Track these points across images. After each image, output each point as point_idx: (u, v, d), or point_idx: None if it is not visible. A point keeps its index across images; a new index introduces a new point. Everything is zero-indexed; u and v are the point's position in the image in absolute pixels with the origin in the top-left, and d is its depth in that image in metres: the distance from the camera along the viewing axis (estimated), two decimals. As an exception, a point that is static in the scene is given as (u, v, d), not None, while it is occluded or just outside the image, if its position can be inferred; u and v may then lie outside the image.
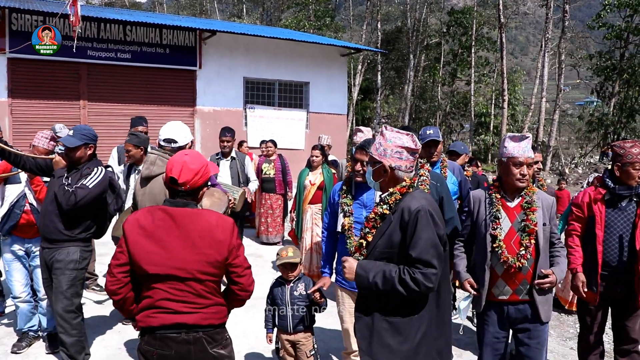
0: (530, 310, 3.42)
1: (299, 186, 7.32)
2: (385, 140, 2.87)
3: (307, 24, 30.73)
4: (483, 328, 3.58)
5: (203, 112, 14.92)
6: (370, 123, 33.97)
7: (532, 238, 3.37)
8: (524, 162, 3.39)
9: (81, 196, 4.03)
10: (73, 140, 4.19)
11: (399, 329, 2.76)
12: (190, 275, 2.63)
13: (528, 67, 53.98)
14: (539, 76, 27.78)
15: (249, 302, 6.32)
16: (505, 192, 3.51)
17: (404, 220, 2.72)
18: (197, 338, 2.68)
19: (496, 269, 3.44)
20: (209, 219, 2.71)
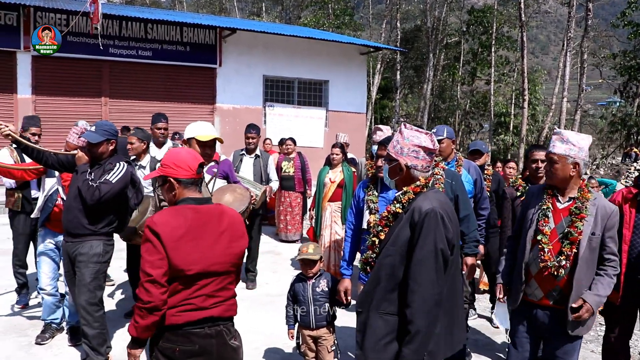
0: (560, 319, 3.23)
1: (319, 184, 7.33)
2: (402, 139, 2.85)
3: (326, 22, 30.72)
4: (515, 325, 3.49)
5: (222, 109, 15.01)
6: (388, 122, 33.85)
7: (574, 247, 3.17)
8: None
9: (105, 191, 4.09)
10: (95, 135, 4.24)
11: (392, 327, 2.75)
12: (225, 269, 2.72)
13: (549, 67, 53.45)
14: (560, 76, 27.45)
15: (267, 299, 6.45)
16: (558, 191, 3.35)
17: (413, 220, 2.71)
18: (218, 331, 2.72)
19: (531, 268, 3.31)
20: (231, 213, 2.82)
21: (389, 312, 2.77)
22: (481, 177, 4.90)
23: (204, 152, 3.62)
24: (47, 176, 5.16)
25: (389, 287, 2.78)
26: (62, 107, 12.95)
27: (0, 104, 12.20)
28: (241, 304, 6.26)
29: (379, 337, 2.76)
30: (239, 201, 5.61)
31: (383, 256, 2.81)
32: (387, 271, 2.78)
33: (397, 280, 2.76)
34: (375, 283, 2.82)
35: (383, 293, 2.78)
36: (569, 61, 25.70)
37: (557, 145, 3.25)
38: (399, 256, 2.74)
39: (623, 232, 4.04)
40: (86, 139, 4.24)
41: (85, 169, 4.26)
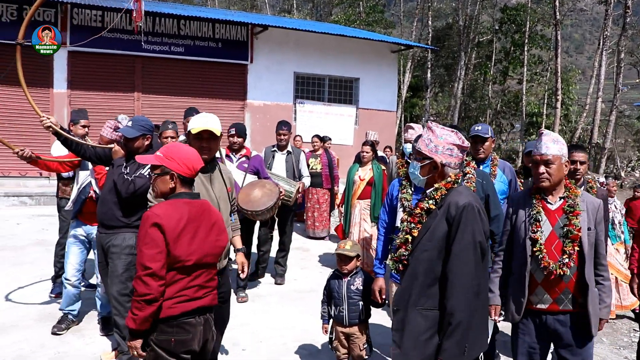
0: (574, 322, 3.14)
1: (348, 181, 7.32)
2: (436, 137, 2.88)
3: (357, 20, 30.63)
4: (518, 337, 3.30)
5: (253, 106, 15.09)
6: (418, 120, 33.64)
7: (576, 245, 3.10)
8: (539, 159, 3.17)
9: (139, 185, 4.16)
10: (132, 131, 4.32)
11: (432, 322, 2.78)
12: (214, 260, 2.94)
13: (583, 66, 52.43)
14: (595, 75, 26.94)
15: (296, 295, 6.48)
16: (545, 194, 3.26)
17: (450, 214, 2.75)
18: (206, 319, 2.94)
19: (535, 275, 3.17)
20: (215, 209, 3.04)
21: (427, 307, 2.80)
22: (516, 178, 4.84)
23: (200, 146, 3.55)
24: (81, 169, 5.27)
25: (427, 282, 2.81)
26: (95, 102, 13.15)
27: (37, 98, 12.41)
28: (270, 299, 6.38)
29: (419, 334, 2.79)
30: (268, 196, 5.65)
31: (419, 252, 2.83)
32: (424, 266, 2.80)
33: (436, 275, 2.80)
34: (412, 279, 2.84)
35: (421, 289, 2.81)
36: (604, 60, 25.20)
37: (550, 146, 3.16)
38: (437, 251, 2.78)
39: None
40: (123, 134, 4.32)
41: (121, 162, 4.35)
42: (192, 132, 3.53)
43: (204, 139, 3.55)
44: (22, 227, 9.25)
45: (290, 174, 7.06)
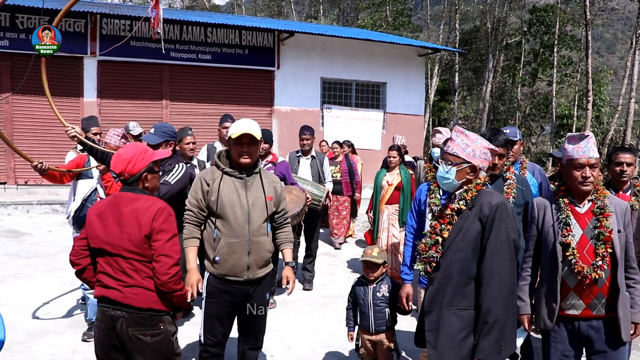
0: (607, 328, 3.05)
1: (376, 186, 7.28)
2: (472, 141, 2.91)
3: (384, 24, 30.57)
4: (550, 345, 3.20)
5: (280, 111, 15.14)
6: (447, 124, 33.39)
7: (608, 247, 3.01)
8: (586, 163, 3.05)
9: (164, 192, 4.18)
10: (154, 137, 4.35)
11: (467, 322, 2.79)
12: (117, 251, 2.90)
13: (615, 66, 51.49)
14: (628, 75, 26.34)
15: (323, 301, 6.46)
16: (572, 197, 3.17)
17: (483, 214, 2.79)
18: (119, 316, 2.89)
19: (567, 281, 3.08)
20: (142, 203, 2.95)
21: (462, 307, 2.82)
22: (547, 180, 4.75)
23: (240, 150, 3.54)
24: (81, 178, 5.27)
25: (462, 281, 2.83)
26: (125, 110, 13.35)
27: (68, 107, 12.67)
28: (298, 305, 6.36)
29: (454, 334, 2.80)
30: (295, 202, 5.64)
31: (452, 252, 2.85)
32: (459, 266, 2.82)
33: (470, 274, 2.83)
34: (446, 280, 2.85)
35: (456, 288, 2.83)
36: (637, 60, 24.65)
37: (594, 149, 3.08)
38: (471, 250, 2.81)
39: None
40: (146, 141, 4.35)
41: None
42: (232, 137, 3.51)
43: (244, 144, 3.53)
44: (54, 235, 9.41)
45: (316, 178, 7.06)
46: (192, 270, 3.49)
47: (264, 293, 3.79)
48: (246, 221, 3.54)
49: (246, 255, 3.55)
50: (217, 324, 3.63)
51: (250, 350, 3.88)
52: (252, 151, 3.58)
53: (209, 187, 3.52)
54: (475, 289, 2.81)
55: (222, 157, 3.68)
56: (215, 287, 3.57)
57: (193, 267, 3.51)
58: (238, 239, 3.52)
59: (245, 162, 3.55)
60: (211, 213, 3.55)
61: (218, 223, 3.52)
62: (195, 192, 3.57)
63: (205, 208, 3.55)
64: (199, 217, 3.58)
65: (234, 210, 3.51)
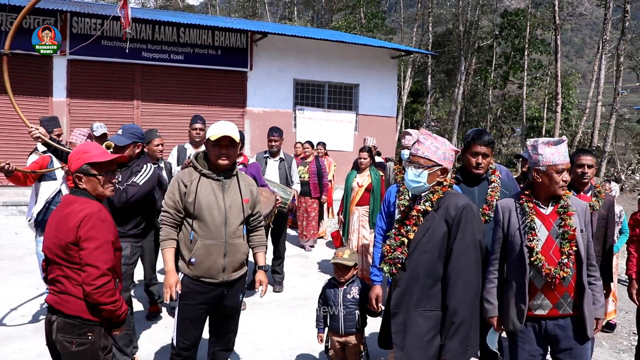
0: (572, 325, 3.13)
1: (346, 188, 7.30)
2: (441, 144, 2.96)
3: (358, 26, 30.70)
4: (517, 346, 3.24)
5: (253, 113, 15.10)
6: (419, 126, 33.62)
7: (573, 245, 3.08)
8: (566, 167, 3.12)
9: (132, 193, 4.14)
10: (122, 139, 4.30)
11: (433, 323, 2.82)
12: (51, 256, 2.83)
13: (583, 70, 52.43)
14: (595, 79, 26.91)
15: (294, 302, 6.45)
16: (538, 199, 3.22)
17: (449, 215, 2.83)
18: (53, 321, 2.86)
19: (535, 282, 3.13)
20: (76, 207, 2.83)
21: (429, 308, 2.85)
22: (514, 181, 4.80)
23: (219, 152, 3.50)
24: (44, 180, 5.18)
25: (429, 283, 2.86)
26: (95, 110, 13.17)
27: (37, 107, 12.46)
28: (268, 307, 6.35)
29: (421, 335, 2.83)
30: (264, 204, 5.62)
31: (419, 254, 2.87)
32: (425, 268, 2.85)
33: (437, 276, 2.86)
34: (413, 282, 2.87)
35: (422, 290, 2.85)
36: (604, 64, 25.18)
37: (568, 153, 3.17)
38: (437, 252, 2.85)
39: None
40: (113, 142, 4.30)
41: None
42: (211, 139, 3.50)
43: (223, 146, 3.51)
44: (21, 237, 9.24)
45: (284, 180, 7.03)
46: (170, 272, 3.47)
47: (237, 295, 3.78)
48: (223, 223, 3.53)
49: (222, 257, 3.54)
50: (191, 327, 3.60)
51: (221, 351, 3.87)
52: (231, 153, 3.57)
53: (187, 188, 3.50)
54: (442, 290, 2.84)
55: (200, 159, 3.65)
56: (190, 289, 3.53)
57: (171, 268, 3.50)
58: (215, 240, 3.51)
59: (223, 163, 3.54)
60: (188, 214, 3.52)
61: (195, 225, 3.50)
62: (173, 193, 3.53)
63: (182, 209, 3.52)
64: (175, 219, 3.54)
65: (211, 212, 3.50)
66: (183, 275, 3.55)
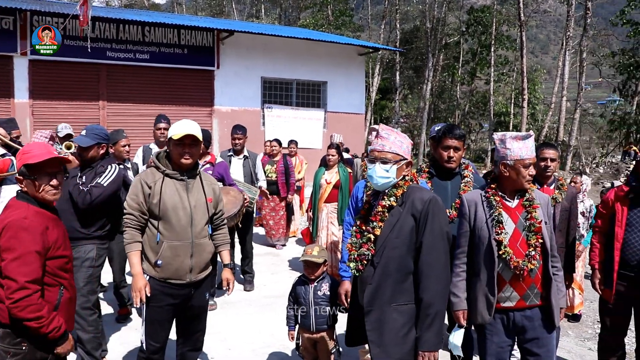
0: (540, 315, 3.19)
1: (315, 185, 7.29)
2: (404, 138, 2.98)
3: (325, 23, 30.74)
4: (486, 339, 3.27)
5: (221, 111, 15.00)
6: (388, 123, 33.83)
7: (539, 237, 3.13)
8: (532, 162, 3.17)
9: (96, 195, 4.07)
10: (86, 140, 4.23)
11: (408, 317, 2.84)
12: None
13: (549, 66, 53.40)
14: (560, 75, 27.42)
15: (265, 301, 6.44)
16: (504, 193, 3.24)
17: (416, 209, 2.84)
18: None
19: (503, 274, 3.16)
20: (4, 214, 2.72)
21: (402, 302, 2.86)
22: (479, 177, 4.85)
23: (181, 152, 3.45)
24: (5, 184, 5.07)
25: (401, 278, 2.86)
26: (59, 111, 12.92)
27: (-3, 108, 12.20)
28: (239, 306, 6.32)
29: (397, 330, 2.83)
30: (232, 204, 5.60)
31: (389, 250, 2.86)
32: (396, 263, 2.86)
33: (407, 270, 2.87)
34: (384, 278, 2.87)
35: (395, 285, 2.86)
36: (568, 60, 25.68)
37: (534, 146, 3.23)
38: (406, 246, 2.85)
39: (615, 230, 4.04)
40: (77, 143, 4.23)
41: (76, 173, 4.26)
42: (173, 138, 3.44)
43: (186, 145, 3.46)
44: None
45: (248, 178, 6.98)
46: (138, 275, 3.41)
47: (204, 294, 3.76)
48: (189, 224, 3.49)
49: (189, 258, 3.50)
50: (160, 329, 3.56)
51: (190, 352, 3.84)
52: (194, 152, 3.53)
53: (151, 189, 3.43)
54: (414, 283, 2.85)
55: (162, 159, 3.58)
56: (157, 291, 3.47)
57: (138, 271, 3.43)
58: (181, 241, 3.47)
59: (186, 163, 3.50)
60: (153, 216, 3.46)
61: (160, 226, 3.45)
62: (136, 195, 3.45)
63: (146, 211, 3.46)
64: (140, 221, 3.47)
65: (176, 213, 3.45)
66: (149, 277, 3.49)
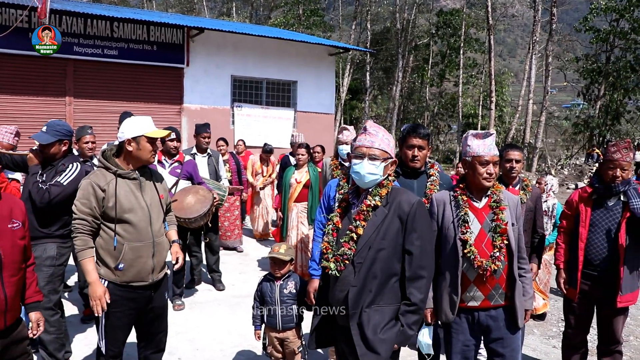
0: (505, 315, 3.23)
1: (285, 185, 7.29)
2: (390, 136, 2.97)
3: (296, 23, 30.72)
4: (452, 337, 3.32)
5: (190, 110, 14.85)
6: (358, 123, 34.00)
7: (505, 238, 3.16)
8: (490, 160, 3.19)
9: (55, 193, 3.97)
10: (46, 136, 4.11)
11: (389, 316, 2.82)
12: None
13: (516, 69, 54.27)
14: (527, 78, 27.92)
15: (234, 300, 6.41)
16: (471, 193, 3.29)
17: (403, 211, 2.81)
18: None
19: (468, 274, 3.20)
20: None
21: (383, 304, 2.83)
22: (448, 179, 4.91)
23: (153, 150, 3.43)
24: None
25: (385, 280, 2.84)
26: (24, 107, 12.61)
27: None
28: (207, 305, 6.29)
29: (380, 328, 2.80)
30: (201, 203, 5.56)
31: (375, 251, 2.82)
32: (382, 265, 2.82)
33: (393, 272, 2.84)
34: (369, 280, 2.83)
35: (379, 287, 2.83)
36: (534, 64, 26.18)
37: (494, 145, 3.24)
38: (392, 248, 2.82)
39: (579, 230, 4.14)
40: (37, 140, 4.12)
41: (36, 170, 4.14)
42: (149, 136, 3.40)
43: (155, 144, 3.44)
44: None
45: (213, 176, 6.93)
46: (95, 283, 3.28)
47: (163, 294, 3.71)
48: (148, 223, 3.43)
49: (151, 258, 3.45)
50: (120, 334, 3.48)
51: (154, 354, 3.77)
52: (156, 151, 3.52)
53: (104, 192, 3.30)
54: (401, 286, 2.85)
55: (111, 158, 3.47)
56: (118, 297, 3.37)
57: (95, 278, 3.30)
58: (143, 242, 3.40)
59: (153, 160, 3.50)
60: (108, 219, 3.33)
61: (119, 229, 3.33)
62: (87, 199, 3.29)
63: (99, 215, 3.33)
64: (93, 226, 3.33)
65: (135, 214, 3.37)
66: (108, 283, 3.37)
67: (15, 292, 2.90)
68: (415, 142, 3.83)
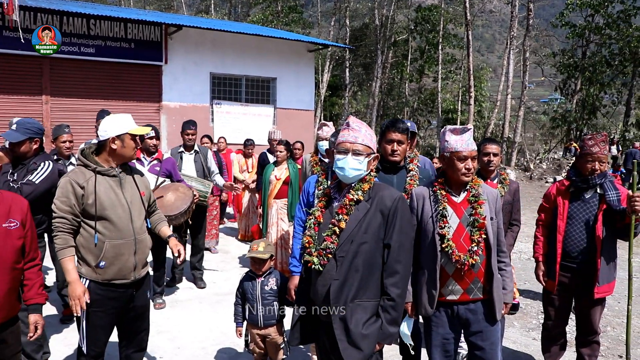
0: (483, 309, 3.26)
1: (265, 181, 7.28)
2: (372, 132, 2.99)
3: (275, 20, 30.63)
4: (432, 330, 3.35)
5: (169, 107, 14.75)
6: (338, 119, 34.04)
7: (483, 233, 3.19)
8: (469, 155, 3.21)
9: (27, 192, 3.92)
10: (16, 135, 4.07)
11: (371, 312, 2.85)
12: None
13: (494, 65, 54.68)
14: (505, 73, 28.16)
15: (215, 298, 6.39)
16: (450, 187, 3.31)
17: (385, 206, 2.85)
18: None
19: (446, 268, 3.22)
20: None
21: (365, 299, 2.85)
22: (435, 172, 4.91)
23: (135, 147, 3.44)
24: None
25: (368, 274, 2.85)
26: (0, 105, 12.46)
27: None
28: (188, 304, 6.27)
29: (362, 324, 2.82)
30: (182, 200, 5.54)
31: (357, 245, 2.83)
32: (364, 258, 2.84)
33: (375, 266, 2.86)
34: (351, 273, 2.83)
35: (361, 282, 2.84)
36: (512, 59, 26.44)
37: (472, 140, 3.26)
38: (374, 242, 2.85)
39: (557, 223, 4.20)
40: (6, 139, 4.07)
41: (7, 169, 4.09)
42: (133, 133, 3.38)
43: (137, 141, 3.43)
44: None
45: (201, 173, 6.90)
46: (75, 282, 3.25)
47: (145, 293, 3.69)
48: (129, 220, 3.41)
49: (133, 256, 3.42)
50: (101, 333, 3.45)
51: (135, 353, 3.75)
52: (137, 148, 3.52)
53: (84, 190, 3.28)
54: (381, 279, 2.87)
55: (90, 156, 3.44)
56: (99, 295, 3.35)
57: (75, 277, 3.27)
58: (124, 239, 3.38)
59: (135, 156, 3.52)
60: (88, 217, 3.31)
61: (99, 226, 3.31)
62: (67, 197, 3.26)
63: (79, 213, 3.30)
64: (73, 224, 3.30)
65: (115, 211, 3.34)
66: (89, 282, 3.35)
67: (7, 292, 2.87)
68: (395, 137, 3.84)
